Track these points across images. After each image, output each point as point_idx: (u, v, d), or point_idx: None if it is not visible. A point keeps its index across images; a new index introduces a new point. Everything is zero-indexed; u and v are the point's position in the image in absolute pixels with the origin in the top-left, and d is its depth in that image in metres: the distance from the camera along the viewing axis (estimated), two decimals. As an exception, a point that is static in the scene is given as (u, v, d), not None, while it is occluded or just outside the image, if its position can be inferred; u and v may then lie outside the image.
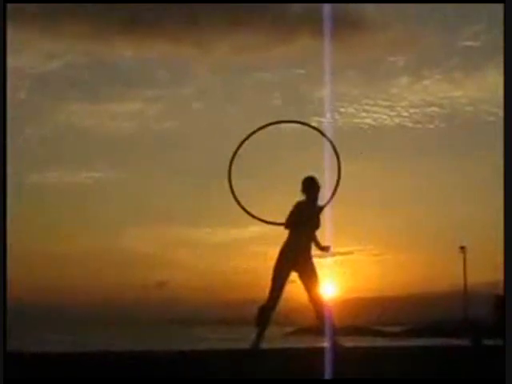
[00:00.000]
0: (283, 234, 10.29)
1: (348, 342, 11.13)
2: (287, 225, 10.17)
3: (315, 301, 10.03)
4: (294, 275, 10.20)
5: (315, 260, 10.28)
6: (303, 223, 10.11)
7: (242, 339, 12.42)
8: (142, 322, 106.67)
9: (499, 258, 8.02)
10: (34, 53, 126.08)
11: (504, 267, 7.55)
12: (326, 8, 12.00)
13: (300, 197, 10.26)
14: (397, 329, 75.91)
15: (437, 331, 59.47)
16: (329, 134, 10.52)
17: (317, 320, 10.07)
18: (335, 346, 9.81)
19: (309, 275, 10.07)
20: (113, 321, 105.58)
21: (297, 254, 10.07)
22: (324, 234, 10.39)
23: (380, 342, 42.88)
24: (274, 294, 10.05)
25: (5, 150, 8.13)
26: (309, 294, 10.06)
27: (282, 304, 10.23)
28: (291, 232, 10.16)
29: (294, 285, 10.24)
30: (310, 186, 10.24)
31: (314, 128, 10.58)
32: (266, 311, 10.06)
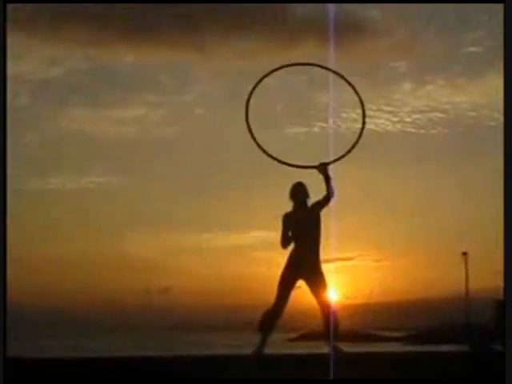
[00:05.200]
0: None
1: (349, 348, 11.09)
2: (283, 245, 10.08)
3: (324, 309, 9.93)
4: (301, 282, 10.10)
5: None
6: (300, 234, 10.02)
7: (245, 345, 12.39)
8: (143, 328, 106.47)
9: (500, 264, 8.01)
10: (34, 58, 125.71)
11: (504, 273, 7.54)
12: (329, 14, 11.99)
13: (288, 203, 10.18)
14: (398, 334, 75.77)
15: (438, 337, 59.36)
16: (331, 140, 10.50)
17: (324, 327, 9.98)
18: (336, 351, 9.78)
19: (317, 283, 9.94)
20: (114, 326, 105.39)
21: (303, 262, 9.95)
22: (324, 239, 10.33)
23: (381, 348, 42.81)
24: (279, 301, 9.98)
25: (5, 156, 8.14)
26: (318, 301, 9.97)
27: (286, 309, 10.16)
28: (295, 241, 10.07)
29: (298, 290, 10.17)
30: (298, 192, 10.14)
31: (330, 70, 10.58)
32: (271, 318, 9.99)
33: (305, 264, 9.94)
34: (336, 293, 10.44)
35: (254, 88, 10.69)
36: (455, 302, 53.18)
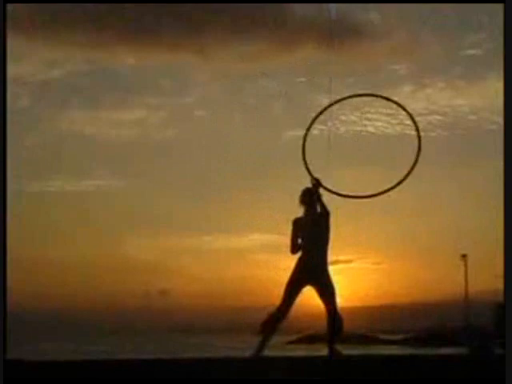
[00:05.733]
0: (284, 242, 10.21)
1: (348, 350, 11.11)
2: (292, 250, 10.06)
3: (331, 314, 9.89)
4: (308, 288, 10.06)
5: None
6: (309, 239, 9.99)
7: (246, 347, 12.38)
8: (144, 330, 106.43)
9: (500, 266, 8.03)
10: (34, 60, 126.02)
11: (504, 275, 7.55)
12: (329, 16, 12.02)
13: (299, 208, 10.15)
14: (397, 337, 75.75)
15: (437, 339, 59.38)
16: (329, 142, 10.49)
17: (328, 331, 9.95)
18: (334, 354, 9.78)
19: (324, 289, 9.93)
20: (114, 329, 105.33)
21: (312, 268, 9.92)
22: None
23: (381, 350, 42.79)
24: (284, 305, 9.96)
25: (5, 158, 8.15)
26: (325, 307, 9.94)
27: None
28: (304, 246, 10.04)
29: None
30: (308, 197, 10.10)
31: (392, 101, 10.77)
32: (274, 321, 9.96)
33: (313, 270, 9.91)
34: (336, 295, 10.45)
35: (315, 118, 10.78)
36: (455, 305, 53.22)
